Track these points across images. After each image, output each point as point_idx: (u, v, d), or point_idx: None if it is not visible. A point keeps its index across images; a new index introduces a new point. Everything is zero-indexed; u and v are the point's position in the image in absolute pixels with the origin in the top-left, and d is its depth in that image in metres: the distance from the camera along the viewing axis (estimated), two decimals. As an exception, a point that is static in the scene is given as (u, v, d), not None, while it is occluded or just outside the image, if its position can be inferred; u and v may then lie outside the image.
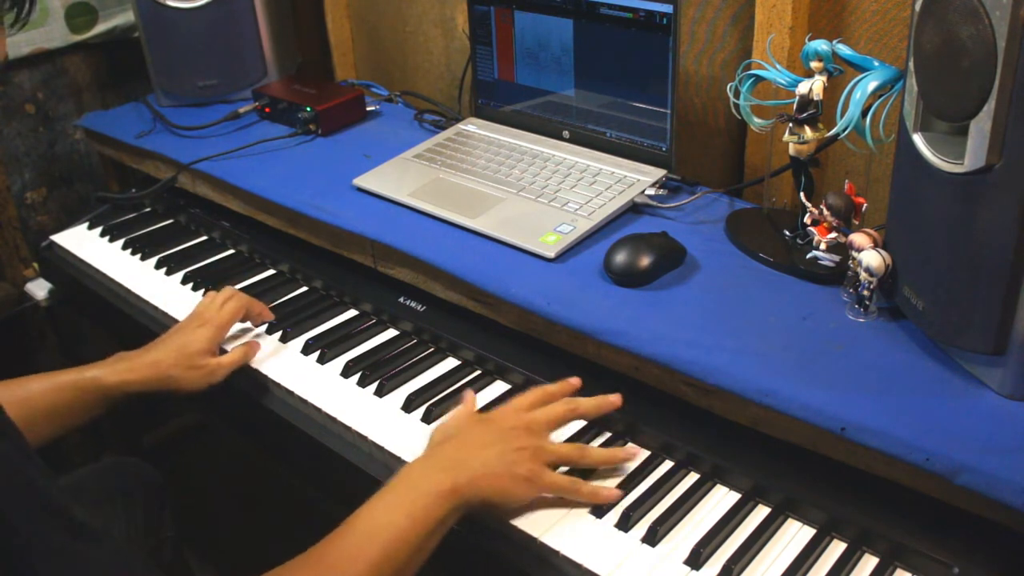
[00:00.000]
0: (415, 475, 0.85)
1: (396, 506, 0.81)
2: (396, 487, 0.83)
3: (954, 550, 0.79)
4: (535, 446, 0.88)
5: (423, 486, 0.83)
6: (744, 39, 1.27)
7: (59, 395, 1.04)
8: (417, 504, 0.81)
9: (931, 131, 0.86)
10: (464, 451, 0.87)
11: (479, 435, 0.89)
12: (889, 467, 0.82)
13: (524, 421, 0.91)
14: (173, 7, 1.57)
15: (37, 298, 1.62)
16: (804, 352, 0.92)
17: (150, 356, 1.09)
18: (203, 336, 1.11)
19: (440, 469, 0.85)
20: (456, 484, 0.83)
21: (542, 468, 0.88)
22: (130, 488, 1.26)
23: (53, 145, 1.79)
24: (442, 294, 1.16)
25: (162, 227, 1.52)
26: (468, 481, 0.84)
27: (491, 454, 0.86)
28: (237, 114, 1.58)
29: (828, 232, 1.04)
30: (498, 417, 0.92)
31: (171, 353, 1.09)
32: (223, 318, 1.14)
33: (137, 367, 1.07)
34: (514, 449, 0.87)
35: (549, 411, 0.93)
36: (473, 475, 0.84)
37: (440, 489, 0.82)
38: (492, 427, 0.90)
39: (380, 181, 1.32)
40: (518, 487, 0.86)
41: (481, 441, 0.88)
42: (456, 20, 1.64)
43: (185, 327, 1.13)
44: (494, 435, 0.89)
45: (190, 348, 1.09)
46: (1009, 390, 0.83)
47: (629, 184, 1.24)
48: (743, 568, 0.82)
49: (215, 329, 1.12)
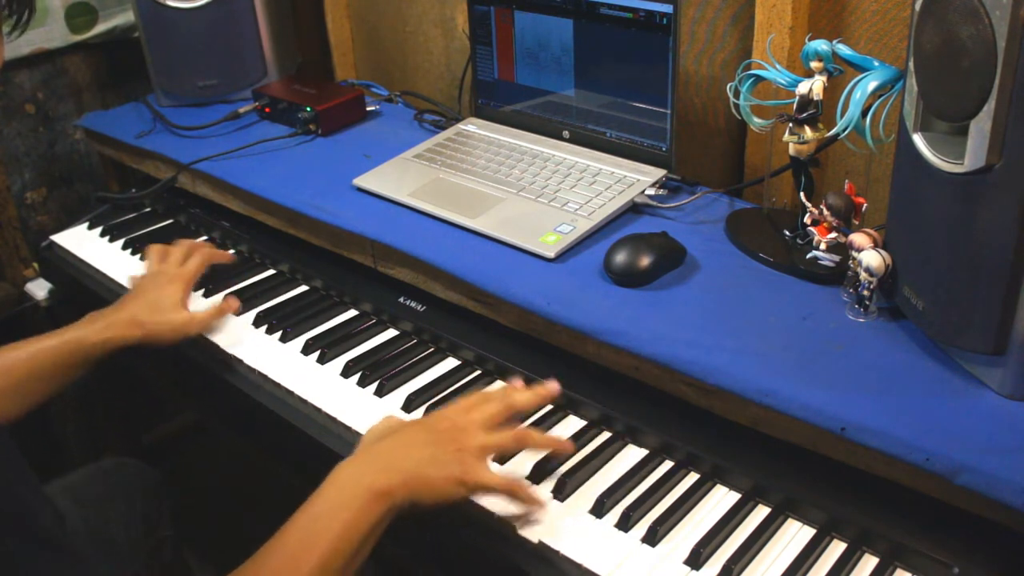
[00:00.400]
0: (346, 478, 0.83)
1: (330, 513, 0.80)
2: (329, 491, 0.82)
3: (954, 550, 0.79)
4: (471, 445, 0.86)
5: (354, 490, 0.82)
6: (744, 39, 1.27)
7: (43, 360, 1.08)
8: (350, 509, 0.80)
9: (931, 131, 0.86)
10: (397, 453, 0.86)
11: (413, 436, 0.88)
12: (889, 467, 0.82)
13: (460, 423, 0.89)
14: (173, 7, 1.57)
15: (37, 298, 1.62)
16: (804, 352, 0.92)
17: (126, 312, 1.14)
18: (174, 291, 1.17)
19: (372, 471, 0.83)
20: (389, 487, 0.82)
21: (477, 469, 0.85)
22: (129, 488, 1.26)
23: (53, 145, 1.79)
24: (442, 294, 1.16)
25: (162, 227, 1.52)
26: (401, 483, 0.82)
27: (424, 456, 0.85)
28: (237, 114, 1.58)
29: (828, 232, 1.04)
30: (434, 419, 0.91)
31: (145, 308, 1.14)
32: (188, 272, 1.21)
33: (115, 323, 1.12)
34: (449, 451, 0.85)
35: (484, 410, 0.90)
36: (406, 477, 0.83)
37: (372, 492, 0.81)
38: (427, 428, 0.89)
39: (380, 181, 1.32)
40: (450, 488, 0.84)
41: (415, 443, 0.86)
42: (456, 20, 1.64)
43: (151, 284, 1.19)
44: (429, 437, 0.87)
45: (164, 302, 1.15)
46: (1009, 390, 0.83)
47: (629, 184, 1.24)
48: (743, 568, 0.82)
49: (183, 283, 1.19)
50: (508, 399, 0.92)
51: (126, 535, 1.20)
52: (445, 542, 0.94)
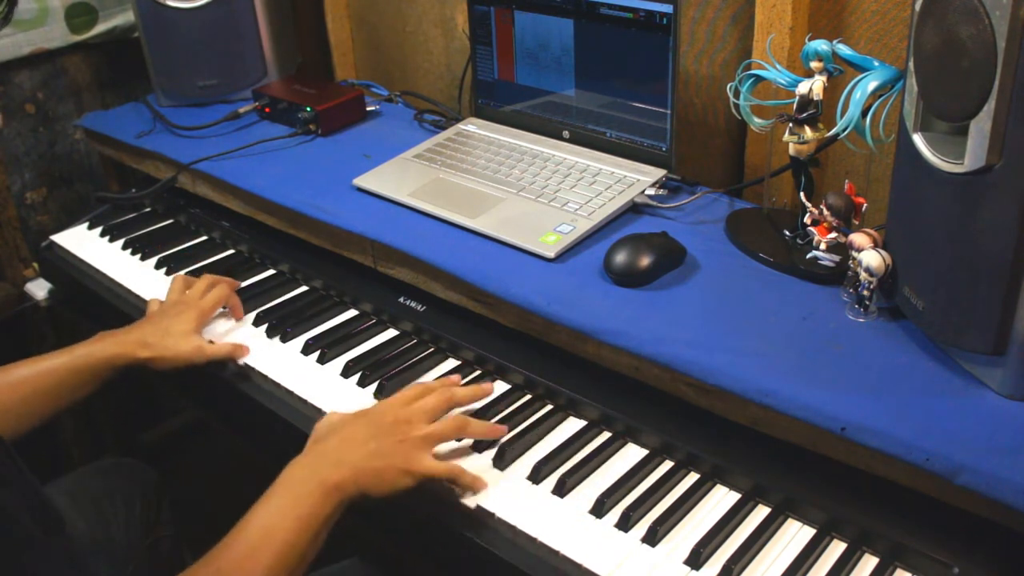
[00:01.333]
0: (298, 475, 0.86)
1: (283, 508, 0.83)
2: (280, 489, 0.85)
3: (954, 550, 0.79)
4: (414, 436, 0.90)
5: (307, 486, 0.84)
6: (744, 39, 1.27)
7: (50, 377, 1.07)
8: (303, 504, 0.83)
9: (931, 131, 0.86)
10: (344, 447, 0.89)
11: (359, 430, 0.90)
12: (889, 467, 0.82)
13: (403, 415, 0.92)
14: (173, 7, 1.57)
15: (37, 298, 1.62)
16: (804, 352, 0.92)
17: (136, 334, 1.13)
18: (188, 318, 1.15)
19: (322, 466, 0.86)
20: (340, 480, 0.85)
21: (421, 458, 0.89)
22: (128, 488, 1.26)
23: (53, 145, 1.79)
24: (442, 294, 1.16)
25: (162, 227, 1.52)
26: (350, 476, 0.85)
27: (371, 448, 0.88)
28: (237, 114, 1.58)
29: (828, 232, 1.04)
30: (377, 411, 0.94)
31: (156, 332, 1.13)
32: (207, 304, 1.18)
33: (124, 343, 1.11)
34: (393, 442, 0.89)
35: (426, 402, 0.94)
36: (354, 470, 0.86)
37: (324, 487, 0.84)
38: (372, 421, 0.92)
39: (380, 181, 1.32)
40: (398, 479, 0.88)
41: (361, 436, 0.89)
42: (456, 20, 1.64)
43: (168, 310, 1.17)
44: (373, 429, 0.90)
45: (174, 329, 1.13)
46: (1009, 390, 0.83)
47: (629, 184, 1.24)
48: (743, 568, 0.82)
49: (199, 313, 1.16)
50: (448, 392, 0.96)
51: (125, 535, 1.20)
52: (442, 540, 0.94)
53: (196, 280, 1.24)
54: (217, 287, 1.22)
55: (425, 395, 0.96)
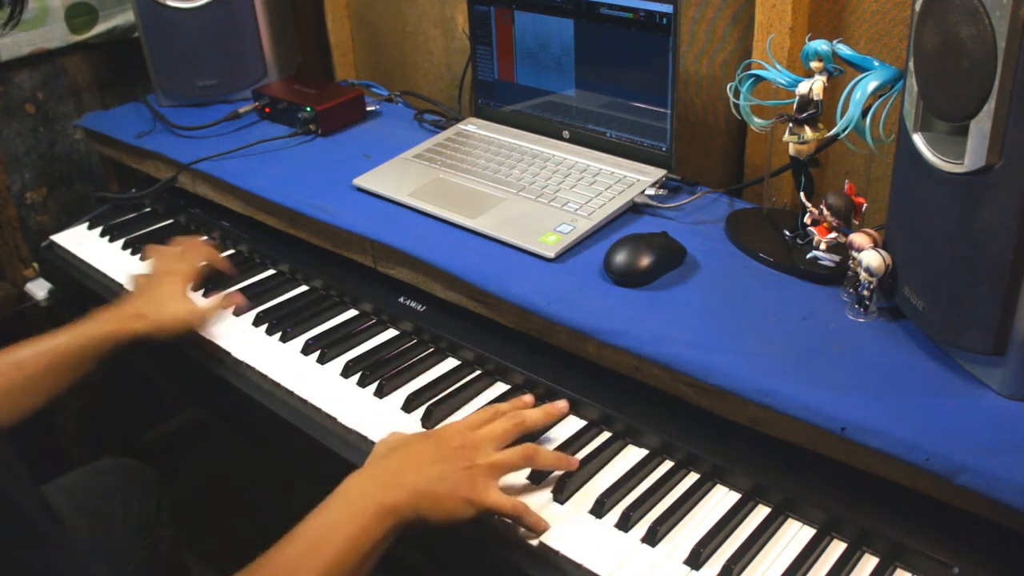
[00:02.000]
0: (354, 491, 0.83)
1: (335, 524, 0.79)
2: (335, 503, 0.81)
3: (954, 550, 0.79)
4: (481, 464, 0.86)
5: (362, 503, 0.81)
6: (744, 39, 1.27)
7: (53, 355, 1.08)
8: (356, 523, 0.79)
9: (931, 131, 0.86)
10: (406, 468, 0.85)
11: (423, 452, 0.87)
12: (889, 467, 0.82)
13: (471, 440, 0.88)
14: (173, 7, 1.57)
15: (37, 298, 1.62)
16: (804, 352, 0.92)
17: (132, 307, 1.15)
18: (173, 285, 1.20)
19: (380, 485, 0.83)
20: (397, 503, 0.81)
21: (486, 488, 0.85)
22: (128, 488, 1.26)
23: (53, 145, 1.79)
24: (442, 294, 1.16)
25: (162, 227, 1.52)
26: (408, 500, 0.82)
27: (434, 473, 0.84)
28: (237, 114, 1.58)
29: (828, 232, 1.04)
30: (444, 435, 0.89)
31: (148, 303, 1.16)
32: (186, 268, 1.24)
33: (120, 317, 1.13)
34: (458, 469, 0.85)
35: (495, 427, 0.90)
36: (413, 493, 0.82)
37: (380, 508, 0.80)
38: (437, 444, 0.87)
39: (380, 181, 1.32)
40: (459, 507, 0.84)
41: (425, 459, 0.86)
42: (456, 20, 1.64)
43: (151, 282, 1.21)
44: (439, 453, 0.86)
45: (164, 296, 1.17)
46: (1009, 390, 0.83)
47: (629, 184, 1.24)
48: (743, 568, 0.82)
49: (182, 278, 1.22)
50: (519, 417, 0.92)
51: (124, 535, 1.20)
52: (445, 541, 0.94)
53: (169, 248, 1.29)
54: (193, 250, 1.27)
55: (494, 419, 0.91)
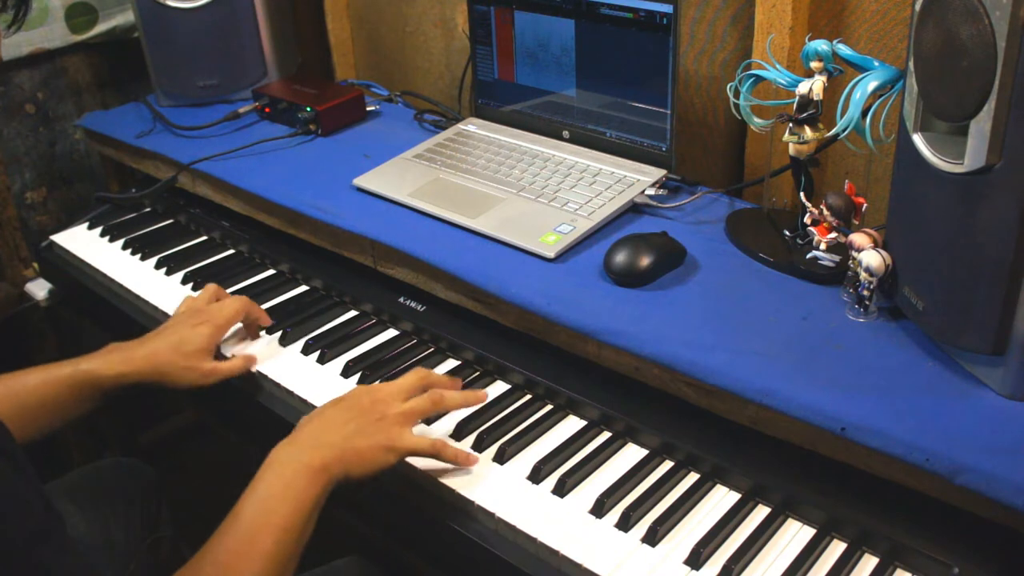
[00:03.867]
0: (283, 458, 0.87)
1: (274, 494, 0.83)
2: (267, 475, 0.85)
3: (954, 550, 0.79)
4: (392, 414, 0.92)
5: (293, 468, 0.85)
6: (744, 39, 1.27)
7: (54, 388, 1.03)
8: (292, 488, 0.84)
9: (931, 131, 0.86)
10: (324, 430, 0.90)
11: (337, 414, 0.92)
12: (889, 467, 0.82)
13: (379, 395, 0.94)
14: (173, 7, 1.57)
15: (37, 298, 1.62)
16: (804, 352, 0.92)
17: (146, 348, 1.07)
18: (202, 334, 1.09)
19: (304, 449, 0.87)
20: (324, 462, 0.86)
21: (401, 435, 0.91)
22: (128, 488, 1.26)
23: (53, 145, 1.79)
24: (442, 294, 1.16)
25: (162, 227, 1.52)
26: (333, 457, 0.87)
27: (350, 429, 0.90)
28: (237, 114, 1.58)
29: (828, 232, 1.04)
30: (353, 395, 0.96)
31: (168, 347, 1.07)
32: (223, 318, 1.13)
33: (133, 359, 1.06)
34: (372, 422, 0.91)
35: (402, 382, 0.97)
36: (338, 451, 0.87)
37: (310, 469, 0.85)
38: (349, 405, 0.93)
39: (380, 181, 1.32)
40: (380, 456, 0.90)
41: (339, 419, 0.91)
42: (456, 20, 1.64)
43: (183, 322, 1.11)
44: (351, 413, 0.92)
45: (188, 346, 1.08)
46: (1009, 390, 0.83)
47: (629, 184, 1.24)
48: (743, 568, 0.82)
49: (215, 328, 1.11)
50: (438, 394, 0.97)
51: (125, 535, 1.20)
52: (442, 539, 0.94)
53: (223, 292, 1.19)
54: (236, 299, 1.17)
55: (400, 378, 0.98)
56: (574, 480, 0.93)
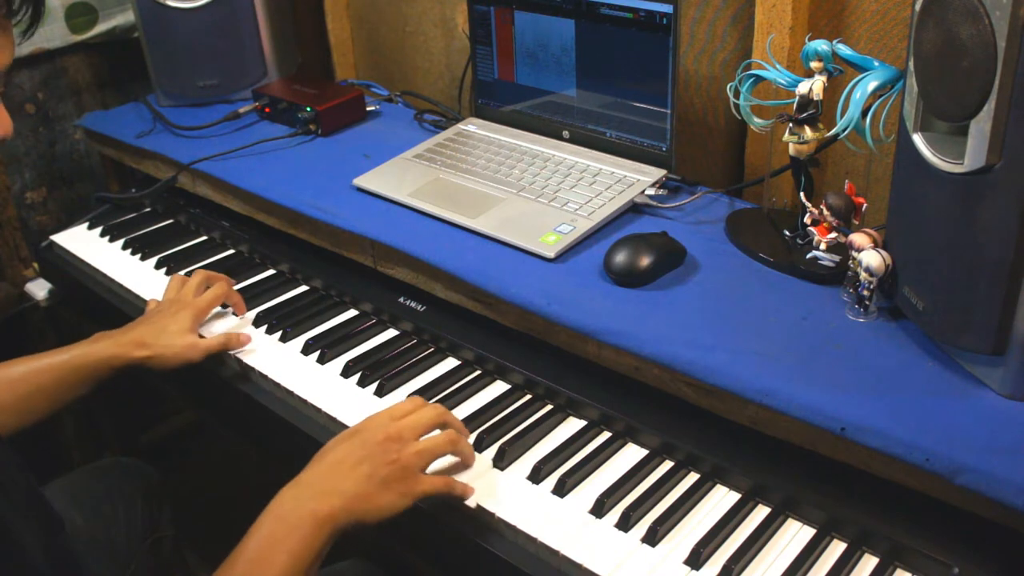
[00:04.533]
0: (288, 505, 0.82)
1: (275, 543, 0.79)
2: (269, 520, 0.81)
3: (954, 550, 0.79)
4: (406, 455, 0.86)
5: (298, 516, 0.81)
6: (744, 39, 1.27)
7: (46, 376, 1.07)
8: (294, 537, 0.79)
9: (931, 131, 0.86)
10: (334, 473, 0.85)
11: (349, 453, 0.86)
12: (889, 467, 0.82)
13: (393, 431, 0.88)
14: (173, 7, 1.57)
15: (37, 298, 1.62)
16: (804, 352, 0.92)
17: (133, 333, 1.12)
18: (184, 317, 1.15)
19: (312, 496, 0.82)
20: (332, 511, 0.81)
21: (415, 478, 0.86)
22: (129, 488, 1.26)
23: (53, 145, 1.79)
24: (442, 294, 1.16)
25: (162, 227, 1.52)
26: (343, 505, 0.82)
27: (362, 473, 0.84)
28: (237, 114, 1.58)
29: (828, 232, 1.04)
30: (368, 428, 0.89)
31: (152, 331, 1.13)
32: (202, 303, 1.18)
33: (121, 343, 1.11)
34: (386, 463, 0.85)
35: (418, 416, 0.90)
36: (346, 499, 0.82)
37: (315, 518, 0.80)
38: (362, 442, 0.87)
39: (380, 181, 1.32)
40: (392, 501, 0.84)
41: (351, 460, 0.85)
42: (456, 20, 1.64)
43: (165, 309, 1.17)
44: (364, 451, 0.86)
45: (171, 328, 1.13)
46: (1009, 390, 0.83)
47: (629, 184, 1.24)
48: (743, 568, 0.82)
49: (195, 311, 1.16)
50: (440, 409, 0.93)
51: (125, 535, 1.20)
52: (442, 540, 0.94)
53: (190, 279, 1.23)
54: (214, 285, 1.22)
55: (417, 409, 0.92)
56: (574, 480, 0.93)
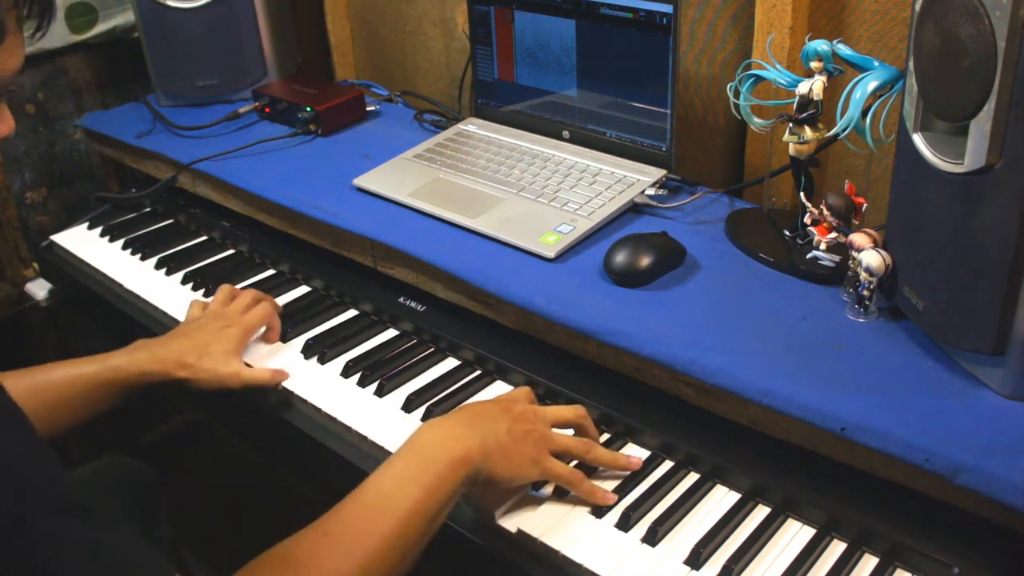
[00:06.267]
0: (426, 442, 0.82)
1: (409, 476, 0.78)
2: (407, 455, 0.81)
3: (954, 550, 0.79)
4: (542, 432, 0.88)
5: (435, 453, 0.80)
6: (744, 39, 1.27)
7: (79, 385, 1.02)
8: (429, 473, 0.79)
9: (931, 131, 0.86)
10: (476, 422, 0.85)
11: (489, 410, 0.88)
12: (889, 467, 0.82)
13: (533, 409, 0.90)
14: (173, 7, 1.57)
15: (37, 298, 1.62)
16: (804, 352, 0.92)
17: (174, 348, 1.07)
18: (230, 337, 1.09)
19: (450, 437, 0.82)
20: (468, 452, 0.81)
21: (546, 453, 0.87)
22: (127, 488, 1.26)
23: (53, 145, 1.79)
24: (442, 294, 1.16)
25: (162, 227, 1.52)
26: (480, 449, 0.82)
27: (501, 428, 0.85)
28: (237, 114, 1.58)
29: (828, 232, 1.04)
30: (508, 399, 0.92)
31: (195, 349, 1.07)
32: (250, 322, 1.13)
33: (160, 359, 1.05)
34: (523, 429, 0.86)
35: (559, 409, 0.93)
36: (485, 445, 0.82)
37: (452, 457, 0.80)
38: (504, 406, 0.89)
39: (380, 181, 1.32)
40: (524, 466, 0.85)
41: (492, 414, 0.87)
42: (456, 20, 1.64)
43: (209, 325, 1.11)
44: (504, 413, 0.87)
45: (215, 349, 1.07)
46: (1009, 390, 0.83)
47: (629, 184, 1.24)
48: (743, 568, 0.82)
49: (242, 332, 1.11)
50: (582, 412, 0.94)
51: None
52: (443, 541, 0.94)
53: (240, 292, 1.19)
54: (261, 304, 1.17)
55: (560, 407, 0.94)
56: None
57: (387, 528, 0.75)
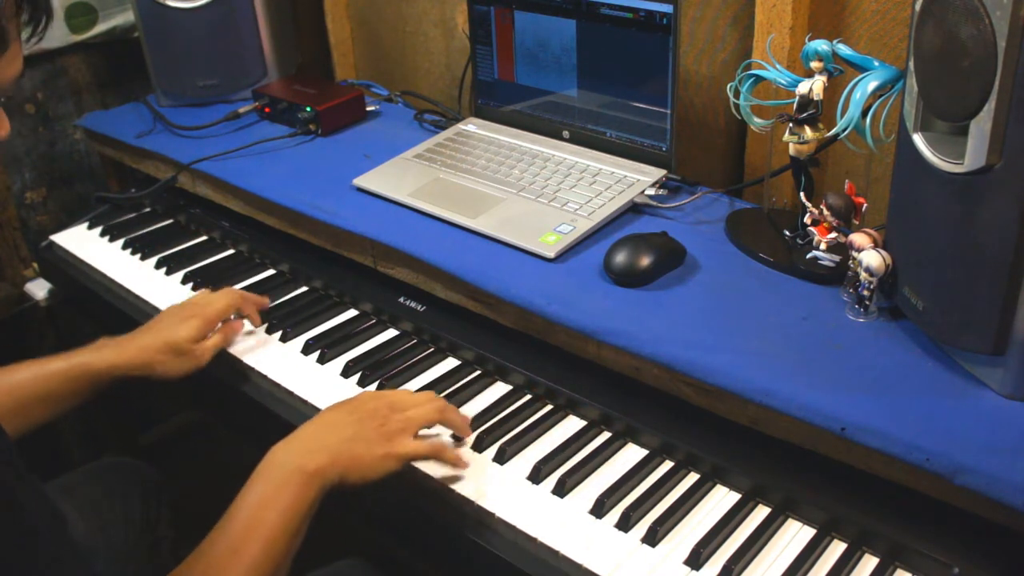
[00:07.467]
0: (277, 462, 0.86)
1: (265, 502, 0.82)
2: (259, 479, 0.84)
3: (954, 550, 0.79)
4: (396, 419, 0.91)
5: (286, 474, 0.84)
6: (744, 39, 1.27)
7: (48, 382, 1.06)
8: (284, 493, 0.83)
9: (931, 131, 0.86)
10: (323, 433, 0.89)
11: (339, 417, 0.91)
12: (889, 467, 0.82)
13: (385, 401, 0.94)
14: (173, 7, 1.57)
15: (37, 298, 1.62)
16: (804, 352, 0.92)
17: (138, 342, 1.11)
18: (191, 327, 1.12)
19: (300, 453, 0.86)
20: (319, 466, 0.85)
21: (402, 441, 0.90)
22: (127, 488, 1.26)
23: (53, 145, 1.79)
24: (442, 294, 1.16)
25: (162, 227, 1.52)
26: (329, 461, 0.86)
27: (349, 433, 0.89)
28: (237, 114, 1.58)
29: (828, 232, 1.04)
30: (358, 399, 0.95)
31: (158, 341, 1.10)
32: (213, 312, 1.16)
33: (125, 352, 1.09)
34: (373, 428, 0.90)
35: (413, 394, 0.97)
36: (333, 456, 0.86)
37: (303, 474, 0.84)
38: (352, 408, 0.93)
39: (380, 181, 1.32)
40: (378, 463, 0.89)
41: (340, 422, 0.90)
42: (456, 20, 1.64)
43: (172, 316, 1.15)
44: (354, 416, 0.91)
45: (177, 337, 1.11)
46: (1009, 390, 0.83)
47: (629, 184, 1.24)
48: (743, 568, 0.82)
49: (203, 321, 1.14)
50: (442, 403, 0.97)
51: (124, 535, 1.20)
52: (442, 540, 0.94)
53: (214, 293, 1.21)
54: (223, 292, 1.20)
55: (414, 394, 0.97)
56: (574, 480, 0.93)
57: (253, 555, 0.79)
